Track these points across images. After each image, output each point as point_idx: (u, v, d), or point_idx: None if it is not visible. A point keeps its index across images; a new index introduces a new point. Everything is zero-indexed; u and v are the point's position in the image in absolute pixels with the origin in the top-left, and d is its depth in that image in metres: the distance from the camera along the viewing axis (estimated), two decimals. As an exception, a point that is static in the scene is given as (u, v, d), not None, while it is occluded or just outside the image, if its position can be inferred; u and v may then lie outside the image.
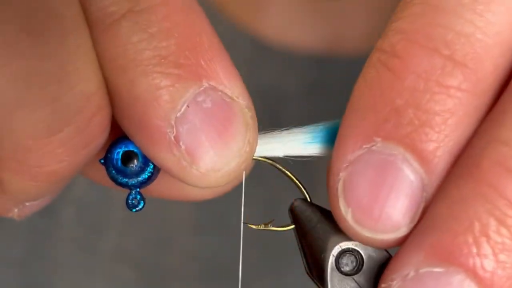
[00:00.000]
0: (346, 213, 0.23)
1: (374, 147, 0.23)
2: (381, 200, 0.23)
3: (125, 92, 0.23)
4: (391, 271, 0.22)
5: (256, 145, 0.25)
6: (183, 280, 0.50)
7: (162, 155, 0.24)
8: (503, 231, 0.21)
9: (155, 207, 0.51)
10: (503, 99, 0.22)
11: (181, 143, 0.23)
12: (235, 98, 0.24)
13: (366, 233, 0.23)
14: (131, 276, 0.50)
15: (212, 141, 0.23)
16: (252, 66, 0.52)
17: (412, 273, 0.22)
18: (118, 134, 0.25)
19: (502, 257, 0.21)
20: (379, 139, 0.23)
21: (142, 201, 0.26)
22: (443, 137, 0.22)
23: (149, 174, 0.25)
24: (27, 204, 0.27)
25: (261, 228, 0.26)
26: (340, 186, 0.23)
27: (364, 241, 0.23)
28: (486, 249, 0.21)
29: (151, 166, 0.25)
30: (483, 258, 0.21)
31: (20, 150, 0.23)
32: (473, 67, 0.22)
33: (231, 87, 0.24)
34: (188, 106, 0.23)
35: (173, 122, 0.23)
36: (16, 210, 0.27)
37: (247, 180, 0.26)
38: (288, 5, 0.52)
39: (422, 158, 0.22)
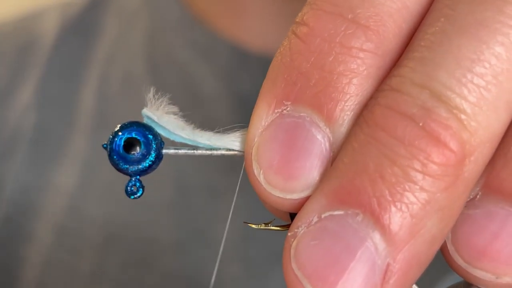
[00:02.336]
0: (258, 174, 0.24)
1: (284, 111, 0.23)
2: (291, 160, 0.23)
3: None
4: (297, 220, 0.23)
5: None
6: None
7: None
8: (396, 170, 0.22)
9: (134, 227, 0.50)
10: (402, 56, 0.23)
11: None
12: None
13: (277, 194, 0.23)
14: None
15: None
16: (233, 73, 0.52)
17: (315, 219, 0.22)
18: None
19: (397, 196, 0.22)
20: (289, 103, 0.23)
21: (141, 189, 0.25)
22: (347, 97, 0.23)
23: (150, 162, 0.25)
24: None
25: (262, 228, 0.26)
26: (254, 150, 0.24)
27: (276, 203, 0.24)
28: (382, 188, 0.22)
29: (153, 155, 0.25)
30: (380, 198, 0.22)
31: None
32: (375, 29, 0.23)
33: None
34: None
35: None
36: None
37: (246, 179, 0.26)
38: (267, 12, 0.53)
39: (327, 117, 0.23)
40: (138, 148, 0.25)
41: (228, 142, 0.25)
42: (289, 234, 0.23)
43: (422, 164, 0.22)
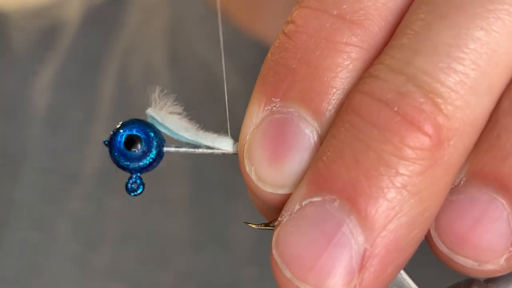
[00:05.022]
0: (250, 171, 0.24)
1: (274, 108, 0.24)
2: (280, 156, 0.23)
3: None
4: (283, 209, 0.23)
5: None
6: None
7: None
8: (371, 154, 0.22)
9: (151, 224, 0.50)
10: (386, 45, 0.23)
11: None
12: None
13: (269, 189, 0.24)
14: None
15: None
16: (254, 69, 0.52)
17: (297, 207, 0.23)
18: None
19: (373, 180, 0.22)
20: (278, 99, 0.24)
21: (141, 186, 0.25)
22: (333, 91, 0.23)
23: (150, 160, 0.25)
24: None
25: (262, 227, 0.26)
26: (246, 147, 0.24)
27: (268, 200, 0.24)
28: (357, 173, 0.22)
29: (154, 152, 0.25)
30: (355, 183, 0.22)
31: None
32: (360, 23, 0.23)
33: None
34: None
35: None
36: None
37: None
38: (289, 8, 0.52)
39: (315, 112, 0.23)
40: (139, 145, 0.25)
41: (231, 145, 0.25)
42: (275, 224, 0.23)
43: (396, 148, 0.22)
